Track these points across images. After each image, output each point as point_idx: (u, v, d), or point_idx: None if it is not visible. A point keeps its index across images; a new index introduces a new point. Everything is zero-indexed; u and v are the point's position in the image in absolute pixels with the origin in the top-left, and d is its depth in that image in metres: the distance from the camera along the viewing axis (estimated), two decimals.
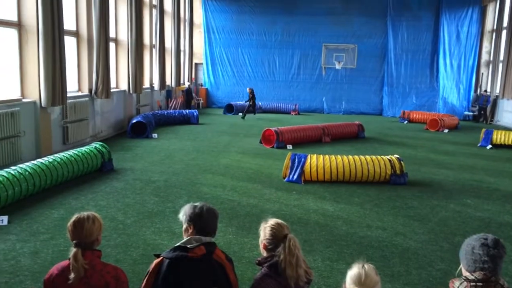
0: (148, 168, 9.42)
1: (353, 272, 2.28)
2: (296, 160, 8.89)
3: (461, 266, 2.46)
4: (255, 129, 15.71)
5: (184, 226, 2.73)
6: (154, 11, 17.85)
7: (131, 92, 14.82)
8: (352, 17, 24.13)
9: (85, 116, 11.50)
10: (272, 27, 24.64)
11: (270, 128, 13.14)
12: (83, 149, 8.67)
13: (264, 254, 2.71)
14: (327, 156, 9.09)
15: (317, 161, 8.84)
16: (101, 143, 9.27)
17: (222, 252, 2.71)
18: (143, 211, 6.64)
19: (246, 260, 5.08)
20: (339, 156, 9.08)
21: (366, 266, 2.27)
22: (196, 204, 2.78)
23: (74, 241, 2.55)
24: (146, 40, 16.98)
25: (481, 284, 2.28)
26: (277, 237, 2.64)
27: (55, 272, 2.58)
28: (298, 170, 8.79)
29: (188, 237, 2.62)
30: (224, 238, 5.68)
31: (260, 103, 23.47)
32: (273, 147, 12.58)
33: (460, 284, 2.34)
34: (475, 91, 24.26)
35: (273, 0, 24.38)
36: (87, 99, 11.76)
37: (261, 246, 2.74)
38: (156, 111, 17.10)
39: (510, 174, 10.28)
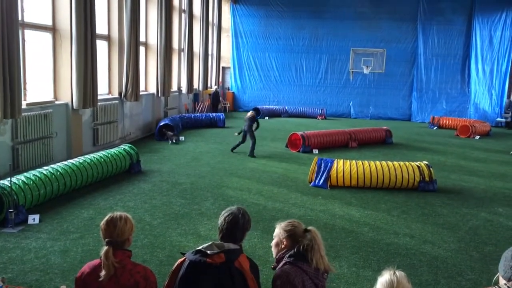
0: (175, 170, 9.54)
1: (384, 278, 2.23)
2: (323, 165, 8.83)
3: (498, 273, 2.38)
4: (281, 133, 15.68)
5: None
6: (184, 15, 18.10)
7: (159, 95, 15.05)
8: (381, 21, 23.82)
9: (114, 118, 11.74)
10: (300, 31, 24.60)
11: (297, 132, 13.09)
12: (112, 150, 8.85)
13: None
14: (353, 161, 8.99)
15: (343, 166, 8.75)
16: (129, 145, 9.45)
17: (247, 260, 2.62)
18: (170, 212, 6.72)
19: (270, 264, 5.06)
20: (366, 162, 8.97)
21: (397, 273, 2.22)
22: (231, 209, 2.77)
23: (106, 240, 2.60)
24: (175, 44, 17.23)
25: None
26: (297, 234, 2.74)
27: (86, 270, 2.63)
28: (324, 175, 8.73)
29: (211, 243, 2.59)
30: (249, 242, 5.68)
31: (286, 107, 23.46)
32: (299, 151, 12.53)
33: None
34: (508, 97, 23.51)
35: (302, 5, 24.33)
36: (117, 101, 12.01)
37: (278, 248, 2.80)
38: (184, 114, 17.30)
39: None
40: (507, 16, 23.00)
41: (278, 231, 2.85)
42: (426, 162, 9.10)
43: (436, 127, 20.59)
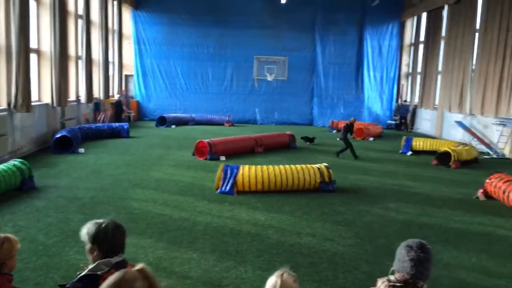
0: (74, 184, 8.99)
1: (270, 280, 2.31)
2: (229, 171, 8.92)
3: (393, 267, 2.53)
4: (188, 141, 15.55)
5: (88, 247, 2.53)
6: (80, 21, 17.21)
7: (55, 105, 14.10)
8: (283, 30, 24.79)
9: (3, 131, 10.76)
10: (205, 39, 24.66)
11: (203, 140, 13.08)
12: (1, 166, 8.09)
13: None
14: (259, 166, 9.21)
15: (249, 172, 8.92)
16: (20, 159, 8.71)
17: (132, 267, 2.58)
18: (67, 230, 6.31)
19: (177, 275, 4.99)
20: (270, 166, 9.23)
21: (285, 274, 2.30)
22: (99, 221, 2.59)
23: None
24: (72, 51, 16.30)
25: (399, 285, 2.37)
26: None
27: None
28: (231, 181, 8.82)
29: (97, 263, 2.45)
30: (154, 254, 5.54)
31: (193, 115, 23.34)
32: (206, 159, 12.52)
33: (382, 283, 2.43)
34: (397, 101, 25.85)
35: (205, 13, 24.42)
36: (5, 113, 11.03)
37: None
38: (83, 125, 16.40)
39: (428, 178, 11.02)
40: (393, 27, 25.32)
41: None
42: (326, 164, 9.62)
43: (335, 131, 21.86)
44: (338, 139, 14.65)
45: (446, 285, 5.00)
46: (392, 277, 2.39)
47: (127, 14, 24.31)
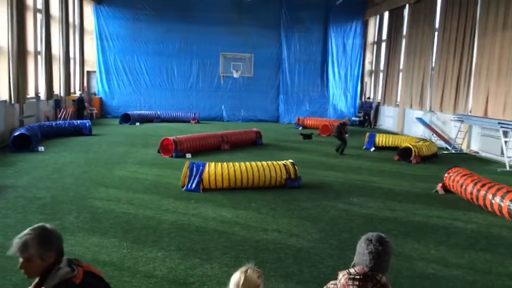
0: (33, 184, 8.70)
1: (233, 276, 2.32)
2: (195, 168, 8.86)
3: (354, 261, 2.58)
4: (153, 139, 15.34)
5: (41, 256, 2.32)
6: (39, 16, 16.62)
7: (12, 102, 13.58)
8: (248, 27, 24.79)
9: None
10: (169, 35, 24.35)
11: (169, 137, 12.93)
12: None
13: None
14: (225, 163, 9.19)
15: (215, 169, 8.89)
16: None
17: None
18: None
19: (141, 274, 4.92)
20: (237, 163, 9.23)
21: (249, 270, 2.31)
22: (33, 229, 2.37)
23: None
24: (30, 46, 15.74)
25: (358, 277, 2.41)
26: None
27: None
28: (197, 178, 8.76)
29: (61, 268, 2.33)
30: (117, 254, 5.44)
31: (159, 112, 23.02)
32: (171, 156, 12.39)
33: (342, 276, 2.47)
34: (360, 98, 26.39)
35: (169, 9, 24.10)
36: None
37: None
38: (43, 123, 15.88)
39: (390, 174, 11.32)
40: (356, 26, 25.79)
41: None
42: (292, 161, 9.70)
43: (301, 127, 22.11)
44: (333, 135, 16.03)
45: (407, 277, 5.15)
46: (352, 270, 2.43)
47: (89, 9, 23.68)
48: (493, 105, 14.53)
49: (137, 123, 20.92)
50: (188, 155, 12.50)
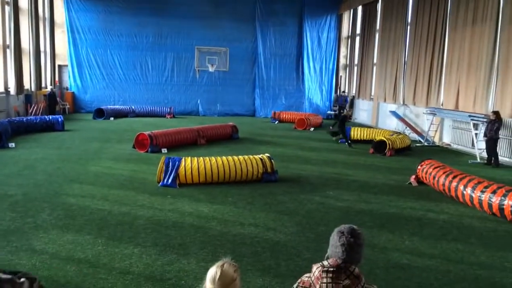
0: (4, 181, 8.46)
1: (210, 271, 2.31)
2: (170, 163, 8.78)
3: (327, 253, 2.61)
4: (128, 134, 15.12)
5: None
6: (7, 8, 16.09)
7: None
8: (223, 21, 24.64)
9: None
10: (143, 28, 23.97)
11: (144, 132, 12.77)
12: None
13: None
14: (201, 158, 9.14)
15: (191, 164, 8.84)
16: None
17: None
18: None
19: (117, 271, 4.86)
20: (213, 158, 9.20)
21: (225, 264, 2.31)
22: None
23: None
24: None
25: (332, 269, 2.44)
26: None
27: None
28: (173, 174, 8.69)
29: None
30: (92, 251, 5.35)
31: (133, 107, 22.69)
32: (147, 151, 12.24)
33: (316, 269, 2.49)
34: (335, 92, 26.63)
35: (142, 1, 23.71)
36: None
37: None
38: (14, 118, 15.44)
39: (364, 167, 11.49)
40: (331, 20, 25.95)
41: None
42: (268, 155, 9.73)
43: (277, 121, 22.18)
44: (331, 127, 17.79)
45: (382, 268, 5.25)
46: (325, 263, 2.46)
47: (59, 1, 23.06)
48: (463, 99, 14.91)
49: (111, 118, 20.58)
50: (164, 150, 12.38)
